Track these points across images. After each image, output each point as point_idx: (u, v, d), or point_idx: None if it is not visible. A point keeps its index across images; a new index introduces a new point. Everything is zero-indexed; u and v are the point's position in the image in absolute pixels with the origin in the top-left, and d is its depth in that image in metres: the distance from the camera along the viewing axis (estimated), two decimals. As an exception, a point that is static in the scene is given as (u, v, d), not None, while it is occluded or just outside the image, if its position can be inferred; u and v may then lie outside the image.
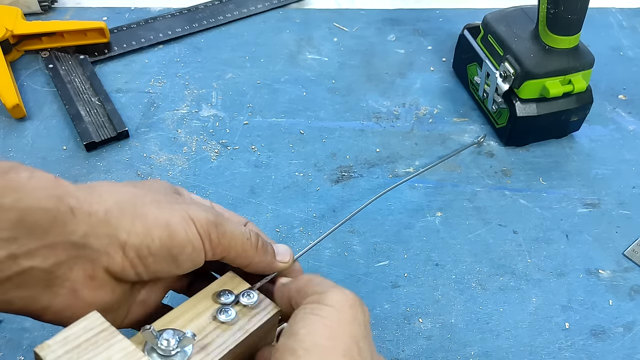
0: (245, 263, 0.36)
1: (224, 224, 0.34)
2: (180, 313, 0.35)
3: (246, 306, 0.36)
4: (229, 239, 0.34)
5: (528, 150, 0.63)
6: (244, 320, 0.36)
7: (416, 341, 0.48)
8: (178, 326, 0.34)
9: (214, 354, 0.33)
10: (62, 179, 0.31)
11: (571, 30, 0.57)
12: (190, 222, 0.33)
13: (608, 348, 0.48)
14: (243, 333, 0.35)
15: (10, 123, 0.64)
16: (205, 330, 0.34)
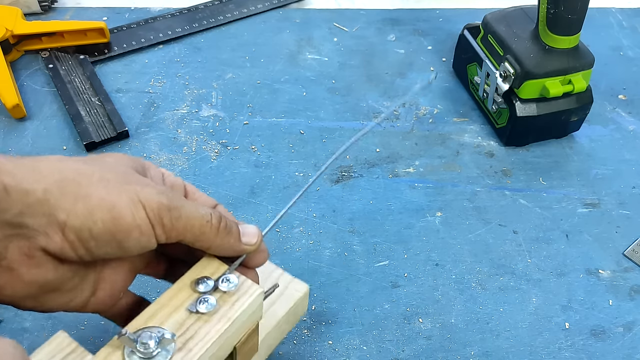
0: (205, 246, 0.34)
1: (179, 207, 0.32)
2: (158, 307, 0.33)
3: (227, 292, 0.34)
4: (184, 222, 0.32)
5: (528, 150, 0.64)
6: (225, 307, 0.34)
7: (416, 341, 0.48)
8: (157, 322, 0.32)
9: (197, 349, 0.32)
10: (1, 155, 0.30)
11: (571, 30, 0.57)
12: (139, 206, 0.31)
13: (608, 348, 0.48)
14: (225, 322, 0.33)
15: (10, 123, 0.64)
16: (186, 324, 0.33)
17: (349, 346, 0.48)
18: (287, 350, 0.47)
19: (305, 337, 0.48)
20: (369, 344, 0.48)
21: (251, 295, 0.35)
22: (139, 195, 0.31)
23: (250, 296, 0.35)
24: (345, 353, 0.47)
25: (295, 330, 0.48)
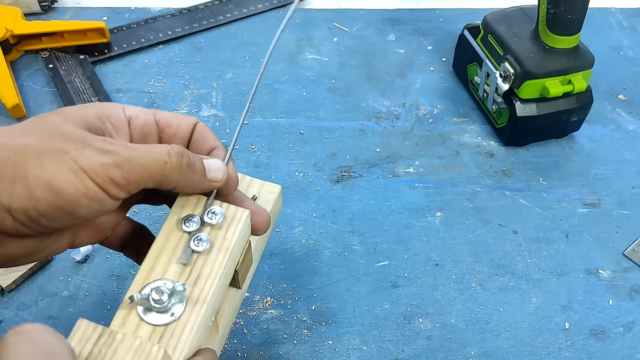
0: (171, 186, 0.33)
1: (129, 159, 0.31)
2: (154, 258, 0.33)
3: (214, 225, 0.35)
4: (139, 172, 0.31)
5: (528, 150, 0.64)
6: (219, 239, 0.34)
7: (416, 341, 0.48)
8: (158, 274, 0.33)
9: (207, 287, 0.33)
10: None
11: (571, 30, 0.57)
12: (81, 175, 0.29)
13: (608, 348, 0.48)
14: (225, 253, 0.34)
15: (10, 123, 0.64)
16: (187, 268, 0.33)
17: (349, 346, 0.48)
18: (287, 350, 0.47)
19: (305, 337, 0.48)
20: (369, 344, 0.48)
21: (240, 220, 0.35)
22: (78, 162, 0.29)
23: (239, 221, 0.35)
24: (345, 353, 0.47)
25: (295, 330, 0.48)
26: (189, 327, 0.31)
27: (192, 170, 0.34)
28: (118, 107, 0.35)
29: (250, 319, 0.49)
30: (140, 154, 0.31)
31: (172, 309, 0.32)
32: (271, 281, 0.51)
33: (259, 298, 0.50)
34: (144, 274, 0.33)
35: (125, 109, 0.35)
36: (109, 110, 0.34)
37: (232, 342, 0.48)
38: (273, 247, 0.54)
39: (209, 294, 0.33)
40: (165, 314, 0.32)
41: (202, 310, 0.32)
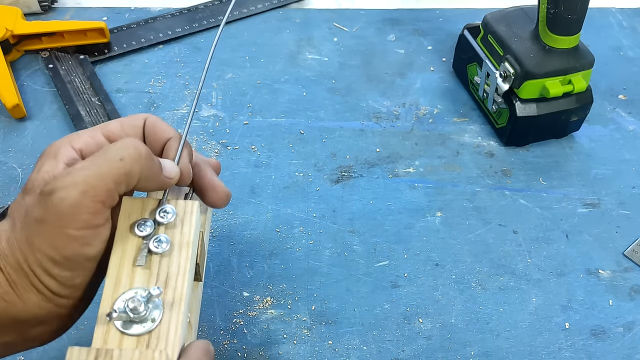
0: (135, 182, 0.33)
1: (87, 180, 0.31)
2: (116, 270, 0.33)
3: (168, 223, 0.34)
4: (103, 187, 0.31)
5: (528, 150, 0.63)
6: (176, 236, 0.34)
7: (416, 341, 0.48)
8: (126, 286, 0.32)
9: (179, 285, 0.33)
10: None
11: (571, 30, 0.57)
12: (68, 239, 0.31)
13: (608, 348, 0.48)
14: (187, 248, 0.34)
15: (10, 123, 0.64)
16: (154, 271, 0.33)
17: (349, 346, 0.48)
18: (287, 350, 0.47)
19: (305, 337, 0.48)
20: (369, 344, 0.48)
21: (192, 212, 0.35)
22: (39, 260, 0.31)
23: (192, 214, 0.35)
24: (345, 353, 0.47)
25: (295, 330, 0.48)
26: (172, 328, 0.31)
27: (151, 159, 0.33)
28: (65, 147, 0.34)
29: (250, 319, 0.49)
30: (92, 170, 0.31)
31: (151, 316, 0.31)
32: (271, 281, 0.51)
33: (259, 298, 0.50)
34: (111, 287, 0.32)
35: (73, 143, 0.34)
36: (56, 156, 0.34)
37: (232, 342, 0.48)
38: (273, 247, 0.54)
39: (183, 291, 0.33)
40: (145, 322, 0.31)
41: (181, 308, 0.32)
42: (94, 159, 0.32)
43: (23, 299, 0.31)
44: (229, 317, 0.49)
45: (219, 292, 0.51)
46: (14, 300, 0.31)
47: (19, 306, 0.31)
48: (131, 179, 0.32)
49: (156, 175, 0.34)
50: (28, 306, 0.32)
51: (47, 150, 0.34)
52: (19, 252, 0.31)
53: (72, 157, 0.34)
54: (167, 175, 0.35)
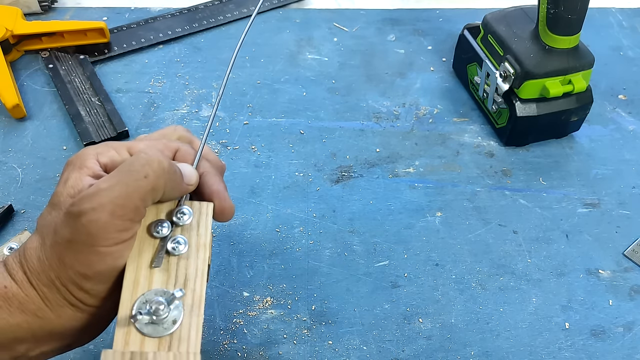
0: (160, 195, 0.34)
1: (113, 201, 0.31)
2: (135, 272, 0.33)
3: (185, 225, 0.35)
4: (131, 204, 0.32)
5: (528, 150, 0.63)
6: (193, 237, 0.34)
7: (416, 341, 0.48)
8: (145, 287, 0.32)
9: (198, 287, 0.33)
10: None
11: (571, 30, 0.57)
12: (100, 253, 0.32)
13: (608, 348, 0.48)
14: (203, 250, 0.34)
15: (10, 123, 0.64)
16: (172, 272, 0.33)
17: (349, 346, 0.48)
18: (287, 350, 0.47)
19: (305, 337, 0.48)
20: (369, 344, 0.48)
21: (208, 214, 0.36)
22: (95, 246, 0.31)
23: (208, 215, 0.36)
24: (345, 353, 0.47)
25: (295, 330, 0.48)
26: (193, 330, 0.31)
27: (174, 172, 0.34)
28: (91, 159, 0.35)
29: (250, 319, 0.49)
30: (119, 189, 0.31)
31: (171, 317, 0.31)
32: (271, 281, 0.51)
33: (259, 298, 0.50)
34: (130, 289, 0.32)
35: (99, 157, 0.35)
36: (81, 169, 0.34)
37: (232, 342, 0.48)
38: (273, 247, 0.54)
39: (202, 293, 0.33)
40: (166, 324, 0.31)
41: (201, 310, 0.32)
42: (119, 176, 0.32)
43: (57, 314, 0.32)
44: (229, 317, 0.49)
45: (219, 292, 0.51)
46: (48, 316, 0.32)
47: (55, 321, 0.32)
48: (156, 194, 0.33)
49: (179, 185, 0.35)
50: (63, 319, 0.32)
51: (73, 161, 0.34)
52: (51, 270, 0.31)
53: (97, 171, 0.34)
54: (188, 182, 0.36)
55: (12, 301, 0.31)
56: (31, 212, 0.56)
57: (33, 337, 0.32)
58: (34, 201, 0.56)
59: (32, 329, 0.32)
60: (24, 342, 0.32)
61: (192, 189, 0.36)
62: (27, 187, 0.58)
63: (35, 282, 0.32)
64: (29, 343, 0.32)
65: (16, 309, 0.31)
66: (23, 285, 0.32)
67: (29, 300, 0.31)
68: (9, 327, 0.31)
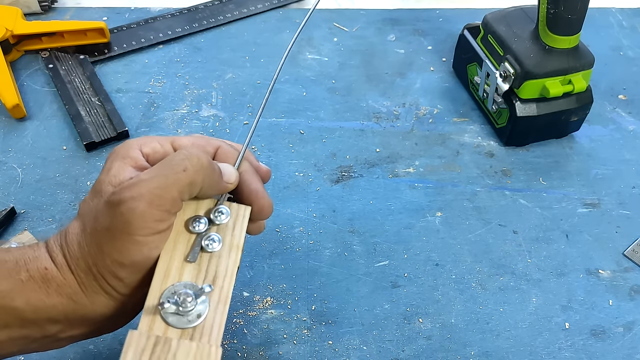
0: (197, 189, 0.35)
1: (151, 191, 0.32)
2: (167, 263, 0.34)
3: (221, 224, 0.36)
4: (169, 196, 0.33)
5: (528, 150, 0.63)
6: (228, 237, 0.35)
7: (416, 341, 0.48)
8: (175, 279, 0.33)
9: (226, 285, 0.34)
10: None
11: (571, 30, 0.57)
12: (139, 243, 0.33)
13: (608, 348, 0.48)
14: (236, 251, 0.35)
15: (10, 123, 0.64)
16: (203, 268, 0.34)
17: (349, 346, 0.48)
18: (287, 350, 0.47)
19: (305, 337, 0.48)
20: (369, 344, 0.48)
21: (245, 216, 0.37)
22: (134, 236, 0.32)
23: (244, 217, 0.37)
24: (345, 353, 0.47)
25: (295, 330, 0.48)
26: (216, 326, 0.32)
27: (212, 169, 0.35)
28: (134, 149, 0.36)
29: (250, 319, 0.49)
30: (158, 181, 0.33)
31: (197, 311, 0.32)
32: (271, 281, 0.51)
33: (259, 298, 0.50)
34: (160, 279, 0.33)
35: (143, 148, 0.37)
36: (124, 158, 0.36)
37: (232, 342, 0.48)
38: (273, 247, 0.54)
39: (229, 292, 0.34)
40: (191, 316, 0.32)
41: (226, 308, 0.33)
42: (159, 168, 0.33)
43: (91, 300, 0.33)
44: (229, 317, 0.49)
45: (219, 292, 0.51)
46: (82, 301, 0.33)
47: (88, 306, 0.33)
48: (194, 188, 0.34)
49: (217, 182, 0.36)
50: (96, 306, 0.33)
51: (118, 150, 0.36)
52: (89, 256, 0.33)
53: (140, 161, 0.36)
54: (227, 180, 0.37)
55: (50, 283, 0.33)
56: (31, 212, 0.56)
57: (66, 320, 0.33)
58: (34, 201, 0.56)
59: (66, 311, 0.33)
60: (56, 323, 0.33)
61: (232, 188, 0.37)
62: (27, 187, 0.58)
63: (74, 267, 0.33)
64: (61, 325, 0.34)
65: (54, 291, 0.33)
66: (62, 268, 0.33)
67: (66, 284, 0.33)
68: (44, 307, 0.32)
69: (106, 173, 0.35)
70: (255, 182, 0.39)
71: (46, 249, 0.34)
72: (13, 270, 0.33)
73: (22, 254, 0.34)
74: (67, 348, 0.46)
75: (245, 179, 0.38)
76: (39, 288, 0.32)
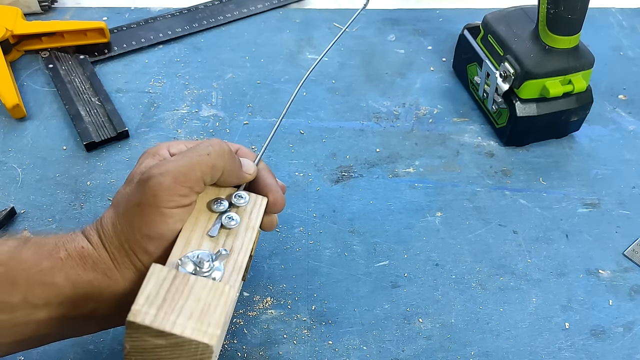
0: (219, 174, 0.39)
1: (177, 169, 0.36)
2: (188, 233, 0.37)
3: (240, 207, 0.40)
4: (193, 174, 0.36)
5: (528, 150, 0.63)
6: (245, 219, 0.39)
7: (416, 341, 0.48)
8: (194, 247, 0.36)
9: (240, 258, 0.37)
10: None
11: (571, 30, 0.57)
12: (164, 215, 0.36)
13: (608, 348, 0.48)
14: (252, 231, 0.39)
15: (10, 123, 0.64)
16: (220, 241, 0.38)
17: (349, 346, 0.48)
18: (287, 350, 0.47)
19: (305, 337, 0.48)
20: (369, 344, 0.48)
21: (261, 205, 0.41)
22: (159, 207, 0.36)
23: (261, 205, 0.41)
24: (345, 353, 0.47)
25: (295, 330, 0.48)
26: (231, 288, 0.34)
27: (233, 157, 0.39)
28: (163, 149, 0.41)
29: (250, 319, 0.49)
30: (184, 161, 0.37)
31: (212, 274, 0.35)
32: (271, 281, 0.51)
33: (259, 298, 0.50)
34: (181, 246, 0.36)
35: (170, 148, 0.41)
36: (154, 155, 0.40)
37: (232, 342, 0.48)
38: (273, 247, 0.54)
39: (243, 265, 0.36)
40: (208, 278, 0.34)
41: (239, 277, 0.36)
42: (185, 152, 0.38)
43: (123, 275, 0.36)
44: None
45: (219, 292, 0.51)
46: (115, 277, 0.36)
47: (120, 282, 0.36)
48: (216, 171, 0.38)
49: (237, 171, 0.40)
50: (127, 281, 0.36)
51: (148, 150, 0.41)
52: (122, 234, 0.36)
53: (168, 157, 0.40)
54: (246, 171, 0.41)
55: (86, 260, 0.36)
56: (31, 212, 0.56)
57: (100, 296, 0.36)
58: (34, 201, 0.56)
59: (101, 287, 0.36)
60: (92, 300, 0.36)
61: (250, 178, 0.42)
62: (27, 187, 0.58)
63: (108, 245, 0.36)
64: (96, 302, 0.36)
65: (90, 267, 0.36)
66: (97, 247, 0.36)
67: (101, 260, 0.36)
68: (81, 282, 0.35)
69: (138, 167, 0.39)
70: (270, 178, 0.43)
71: (82, 233, 0.38)
72: (53, 250, 0.36)
73: (60, 237, 0.37)
74: (67, 348, 0.46)
75: (262, 175, 0.43)
76: (76, 265, 0.35)
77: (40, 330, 0.35)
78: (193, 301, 0.32)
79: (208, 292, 0.32)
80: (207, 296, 0.32)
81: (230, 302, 0.33)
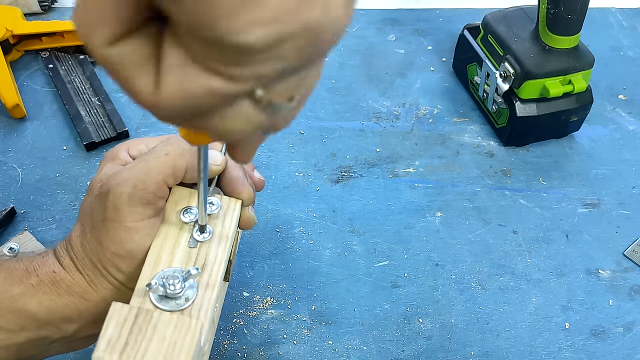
0: (183, 173, 0.36)
1: (132, 177, 0.34)
2: (158, 250, 0.35)
3: (211, 214, 0.36)
4: (154, 181, 0.34)
5: (528, 150, 0.63)
6: (218, 227, 0.36)
7: (416, 341, 0.48)
8: (165, 265, 0.34)
9: (214, 272, 0.34)
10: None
11: (571, 30, 0.57)
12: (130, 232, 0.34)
13: (608, 348, 0.48)
14: (226, 240, 0.36)
15: (10, 123, 0.64)
16: (192, 255, 0.35)
17: (349, 346, 0.48)
18: (287, 350, 0.47)
19: (305, 337, 0.48)
20: (369, 344, 0.48)
21: (235, 209, 0.38)
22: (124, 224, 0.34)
23: (235, 210, 0.38)
24: (345, 353, 0.47)
25: (295, 330, 0.48)
26: (203, 309, 0.33)
27: (194, 153, 0.36)
28: (122, 152, 0.38)
29: (250, 319, 0.49)
30: (141, 166, 0.34)
31: (185, 294, 0.33)
32: (271, 281, 0.51)
33: (259, 298, 0.50)
34: (151, 265, 0.34)
35: (130, 150, 0.39)
36: (114, 160, 0.38)
37: (232, 342, 0.48)
38: (273, 247, 0.54)
39: (217, 278, 0.34)
40: (179, 299, 0.33)
41: (214, 293, 0.34)
42: (143, 156, 0.35)
43: (102, 296, 0.35)
44: (229, 317, 0.49)
45: (219, 292, 0.51)
46: (94, 298, 0.35)
47: (100, 303, 0.35)
48: (178, 171, 0.35)
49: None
50: (106, 301, 0.34)
51: (107, 154, 0.38)
52: (92, 253, 0.34)
53: (128, 161, 0.37)
54: (213, 162, 0.37)
55: (60, 284, 0.34)
56: (31, 212, 0.56)
57: (80, 318, 0.35)
58: (34, 201, 0.56)
59: (79, 310, 0.34)
60: (72, 322, 0.35)
61: (219, 170, 0.38)
62: (27, 187, 0.58)
63: (81, 267, 0.35)
64: (77, 324, 0.35)
65: (64, 291, 0.34)
66: (70, 270, 0.35)
67: (75, 283, 0.34)
68: (56, 307, 0.34)
69: (97, 174, 0.37)
70: (236, 170, 0.39)
71: (54, 255, 0.36)
72: (24, 276, 0.34)
73: (32, 261, 0.35)
74: (67, 348, 0.46)
75: (228, 166, 0.39)
76: (49, 290, 0.34)
77: (24, 352, 0.34)
78: (157, 342, 0.30)
79: (173, 330, 0.31)
80: (172, 334, 0.31)
81: (197, 338, 0.31)
